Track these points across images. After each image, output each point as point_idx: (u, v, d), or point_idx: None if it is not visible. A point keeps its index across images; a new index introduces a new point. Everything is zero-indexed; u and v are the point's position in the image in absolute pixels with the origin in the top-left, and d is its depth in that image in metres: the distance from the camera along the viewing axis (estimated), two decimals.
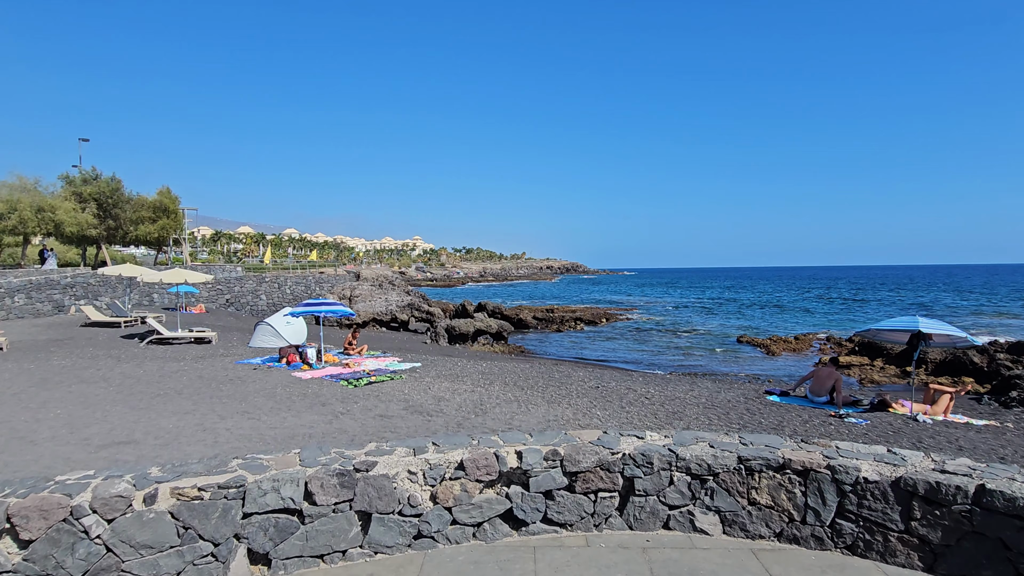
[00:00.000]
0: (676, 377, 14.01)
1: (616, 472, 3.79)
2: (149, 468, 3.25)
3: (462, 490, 3.57)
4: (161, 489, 3.00)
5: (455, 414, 7.98)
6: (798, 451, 3.82)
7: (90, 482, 3.06)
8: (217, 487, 3.07)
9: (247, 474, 3.22)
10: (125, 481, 3.06)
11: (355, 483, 3.37)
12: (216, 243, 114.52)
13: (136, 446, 6.24)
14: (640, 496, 3.80)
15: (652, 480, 3.80)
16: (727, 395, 10.32)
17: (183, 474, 3.17)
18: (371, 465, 3.47)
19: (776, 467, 3.72)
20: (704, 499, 3.77)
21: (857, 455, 3.79)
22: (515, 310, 33.26)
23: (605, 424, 7.71)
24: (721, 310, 46.51)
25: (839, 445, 3.97)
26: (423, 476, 3.55)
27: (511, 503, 3.68)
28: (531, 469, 3.69)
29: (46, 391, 8.92)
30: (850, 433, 7.49)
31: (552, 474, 3.73)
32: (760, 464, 3.73)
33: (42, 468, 5.34)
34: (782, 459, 3.72)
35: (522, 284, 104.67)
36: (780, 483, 3.69)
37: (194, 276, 16.32)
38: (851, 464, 3.61)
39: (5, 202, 24.94)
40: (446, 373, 11.52)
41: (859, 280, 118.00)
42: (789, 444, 4.00)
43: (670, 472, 3.81)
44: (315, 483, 3.28)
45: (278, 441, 6.44)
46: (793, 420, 8.29)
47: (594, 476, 3.76)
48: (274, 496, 3.16)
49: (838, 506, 3.60)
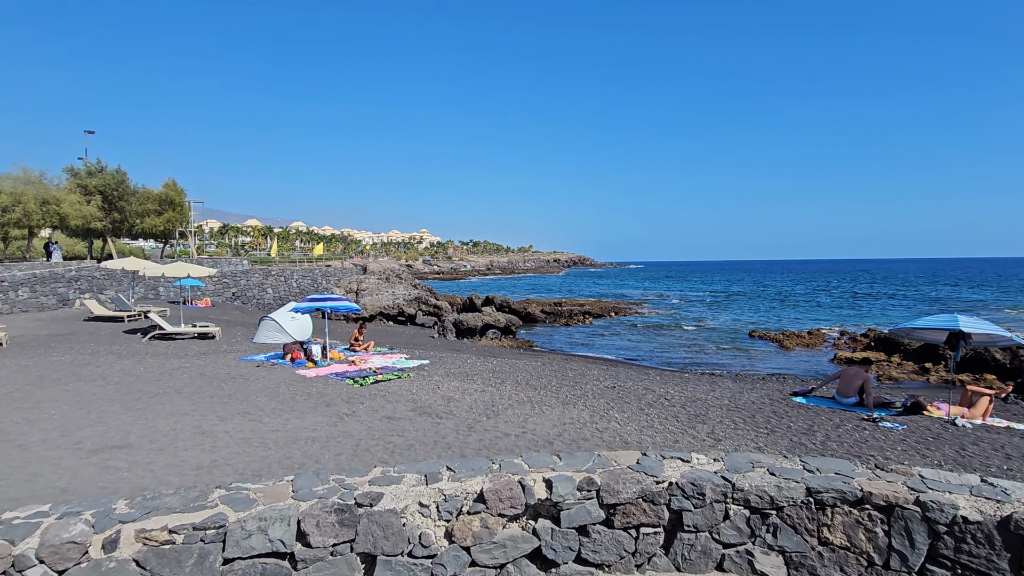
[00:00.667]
0: (694, 376, 13.43)
1: (661, 504, 3.23)
2: (115, 502, 2.75)
3: (482, 526, 3.03)
4: (125, 531, 2.50)
5: (465, 416, 7.55)
6: (877, 481, 3.24)
7: (41, 522, 2.56)
8: (192, 528, 2.55)
9: (229, 511, 2.70)
10: (83, 521, 2.55)
11: (357, 520, 2.84)
12: (223, 236, 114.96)
13: (129, 451, 5.86)
14: (689, 532, 3.25)
15: (704, 514, 3.24)
16: (750, 396, 9.78)
17: (153, 510, 2.66)
18: (376, 498, 2.93)
19: (853, 501, 3.14)
20: (765, 537, 3.21)
21: (948, 486, 3.20)
22: (523, 304, 32.75)
23: (624, 428, 7.22)
24: (730, 304, 45.76)
25: (923, 473, 3.38)
26: (436, 510, 3.02)
27: (539, 541, 3.14)
28: (562, 501, 3.15)
29: (41, 389, 8.61)
30: (887, 439, 6.96)
31: (587, 506, 3.18)
32: (833, 497, 3.15)
33: (21, 480, 4.92)
34: (860, 491, 3.14)
35: (529, 277, 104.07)
36: (858, 520, 3.12)
37: (197, 270, 15.93)
38: (945, 500, 3.03)
39: (9, 195, 24.73)
40: (455, 371, 11.08)
41: (866, 274, 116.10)
42: (863, 472, 3.41)
43: (725, 505, 3.25)
44: (310, 521, 2.75)
45: (279, 445, 6.02)
46: (824, 424, 7.77)
47: (636, 509, 3.21)
48: (260, 538, 2.64)
49: (930, 549, 3.03)
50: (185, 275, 15.56)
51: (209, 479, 5.06)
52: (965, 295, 53.26)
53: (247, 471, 5.33)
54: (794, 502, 3.18)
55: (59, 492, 4.81)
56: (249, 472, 5.31)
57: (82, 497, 4.59)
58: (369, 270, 38.77)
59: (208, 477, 5.11)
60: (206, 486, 3.00)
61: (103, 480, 5.08)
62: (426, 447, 6.11)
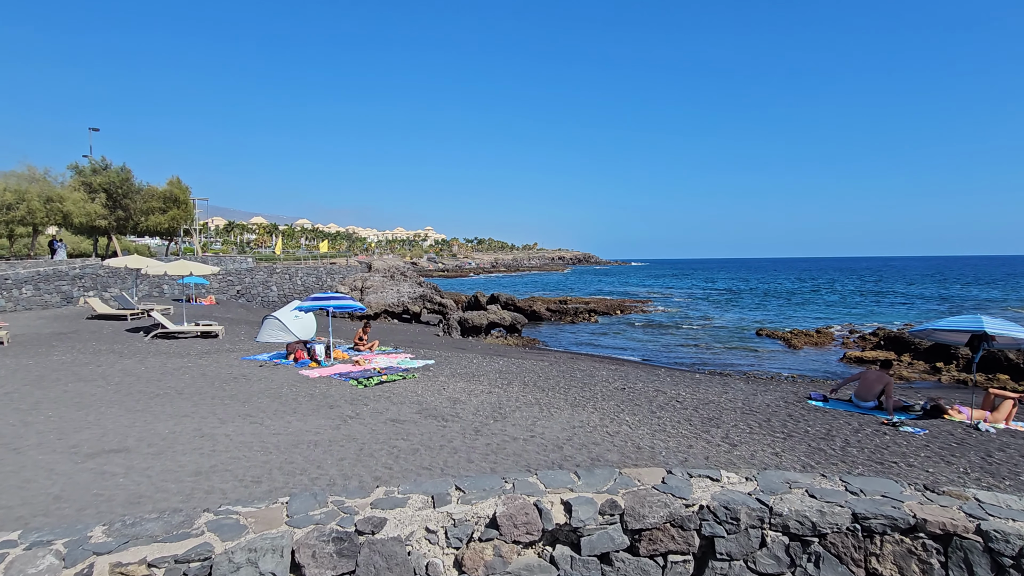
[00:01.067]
0: (705, 377, 13.13)
1: (691, 530, 2.94)
2: (91, 529, 2.49)
3: (495, 554, 2.76)
4: (99, 565, 2.24)
5: (472, 419, 7.36)
6: (930, 506, 2.93)
7: (7, 553, 2.30)
8: (174, 561, 2.29)
9: (215, 539, 2.44)
10: (52, 553, 2.29)
11: (358, 550, 2.57)
12: (229, 233, 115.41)
13: (127, 455, 5.69)
14: (722, 561, 2.96)
15: (738, 541, 2.95)
16: (764, 398, 9.54)
17: (132, 539, 2.40)
18: (378, 524, 2.66)
19: (905, 529, 2.84)
20: (807, 567, 2.92)
21: (1010, 512, 2.89)
22: (528, 301, 32.46)
23: (636, 431, 6.99)
24: (736, 302, 45.31)
25: (979, 496, 3.06)
26: (445, 536, 2.74)
27: (557, 570, 2.86)
28: (583, 526, 2.86)
29: (40, 390, 8.49)
30: (909, 445, 6.73)
31: (610, 532, 2.89)
32: (883, 524, 2.85)
33: (14, 487, 4.72)
34: (913, 518, 2.84)
35: (533, 275, 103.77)
36: (911, 550, 2.82)
37: (200, 268, 15.76)
38: (1010, 529, 2.72)
39: (13, 192, 24.69)
40: (461, 371, 10.87)
41: (872, 271, 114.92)
42: (911, 494, 3.10)
43: (761, 531, 2.95)
44: (305, 552, 2.49)
45: (280, 449, 5.83)
46: (842, 429, 7.54)
47: (663, 535, 2.92)
48: (250, 571, 2.37)
49: None
50: (188, 273, 15.41)
51: (208, 485, 4.89)
52: (974, 293, 52.46)
53: (247, 477, 5.14)
54: (839, 529, 2.88)
55: (52, 500, 4.64)
56: (249, 478, 5.11)
57: (75, 505, 4.41)
58: (374, 268, 38.60)
59: (207, 483, 4.93)
60: (193, 509, 2.74)
61: (98, 487, 4.91)
62: (432, 451, 5.91)
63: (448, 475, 5.18)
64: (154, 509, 4.36)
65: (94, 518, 4.20)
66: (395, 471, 5.34)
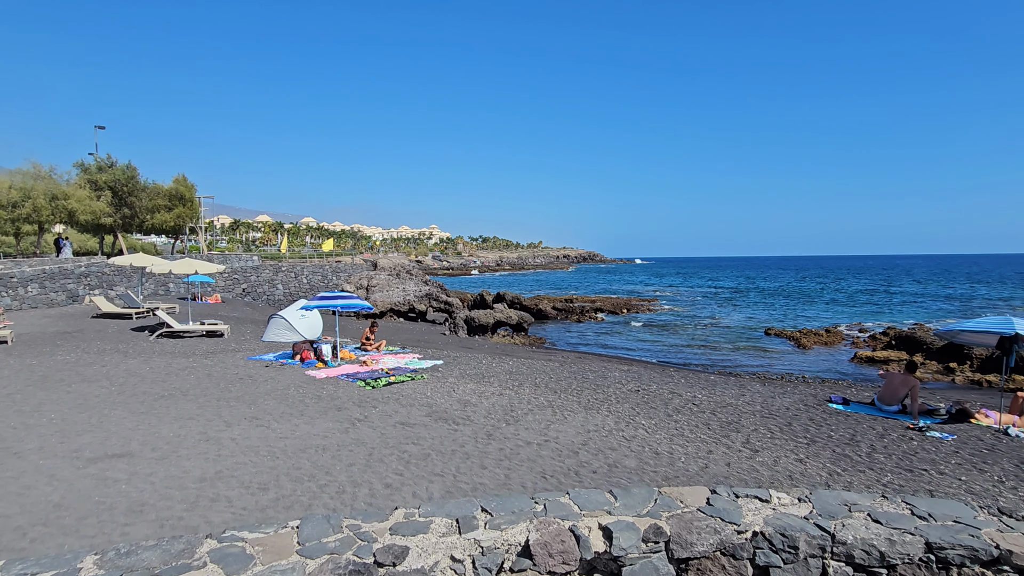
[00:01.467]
0: (720, 378, 12.81)
1: (744, 559, 2.66)
2: (81, 559, 2.24)
3: None
4: None
5: (484, 422, 7.14)
6: (1012, 534, 2.63)
7: None
8: None
9: (219, 572, 2.18)
10: None
11: None
12: (235, 232, 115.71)
13: (130, 460, 5.50)
14: None
15: (795, 571, 2.66)
16: (783, 401, 9.27)
17: (126, 571, 2.15)
18: (400, 555, 2.39)
19: (986, 561, 2.54)
20: None
21: None
22: (534, 300, 32.18)
23: (653, 436, 6.75)
24: (742, 300, 44.79)
25: None
26: (472, 566, 2.47)
27: None
28: (624, 555, 2.59)
29: (44, 391, 8.33)
30: (938, 451, 6.51)
31: (654, 561, 2.61)
32: (960, 556, 2.55)
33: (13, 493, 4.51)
34: (996, 549, 2.54)
35: (538, 273, 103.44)
36: None
37: (205, 266, 15.58)
38: None
39: (19, 190, 24.62)
40: (470, 372, 10.64)
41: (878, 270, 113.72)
42: (986, 519, 2.80)
43: (822, 561, 2.66)
44: None
45: (287, 454, 5.64)
46: (867, 433, 7.27)
47: (713, 565, 2.63)
48: None
49: None
50: (193, 271, 15.22)
51: (213, 492, 4.72)
52: (984, 292, 51.65)
53: (253, 484, 4.94)
54: (910, 559, 2.58)
55: (51, 508, 4.48)
56: (255, 485, 4.91)
57: (75, 513, 4.22)
58: (379, 266, 38.41)
59: (212, 490, 4.75)
60: (195, 535, 2.48)
61: (99, 494, 4.75)
62: (444, 457, 5.69)
63: (460, 482, 4.99)
64: (156, 519, 4.17)
65: (94, 528, 4.01)
66: (406, 477, 5.11)
